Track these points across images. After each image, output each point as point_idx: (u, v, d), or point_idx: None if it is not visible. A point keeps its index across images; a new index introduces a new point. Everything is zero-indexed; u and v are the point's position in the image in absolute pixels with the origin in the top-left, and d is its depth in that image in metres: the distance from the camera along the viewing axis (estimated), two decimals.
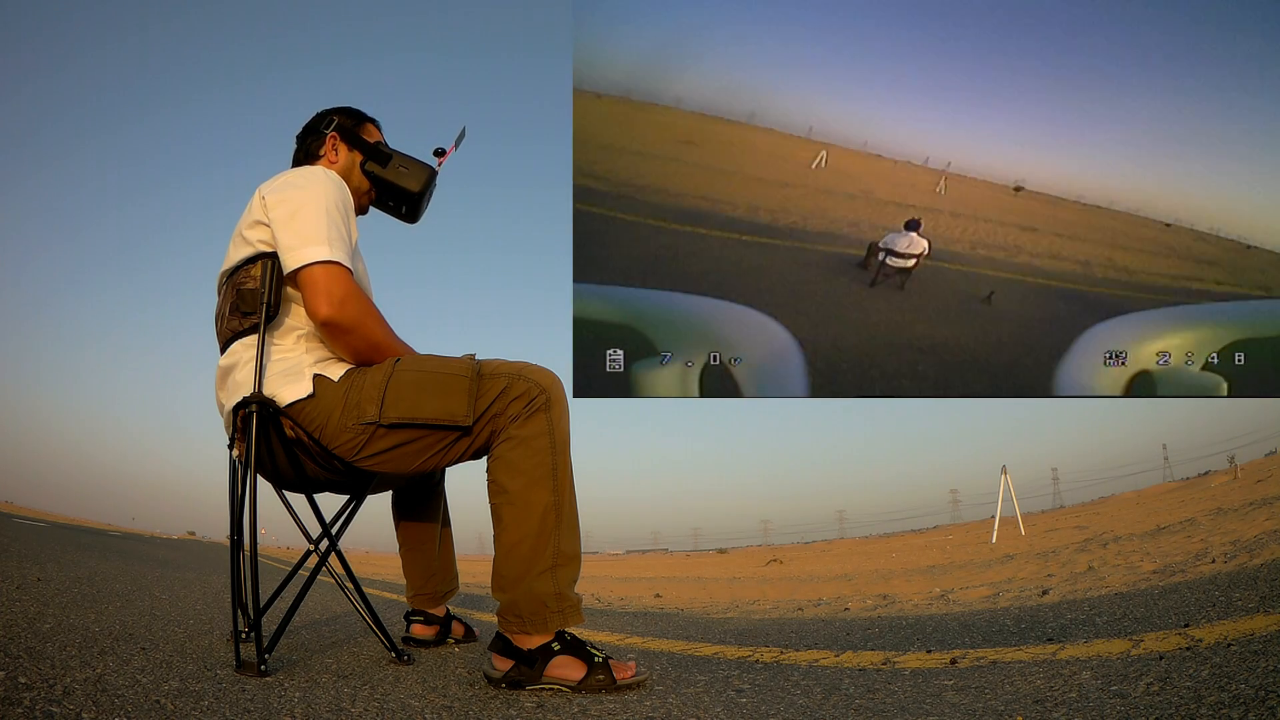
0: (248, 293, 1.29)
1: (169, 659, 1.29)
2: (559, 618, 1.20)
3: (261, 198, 1.31)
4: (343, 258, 1.25)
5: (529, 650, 1.19)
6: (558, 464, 1.24)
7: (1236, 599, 1.53)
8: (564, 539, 1.23)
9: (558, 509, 1.22)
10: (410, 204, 1.56)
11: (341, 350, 1.29)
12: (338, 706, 1.03)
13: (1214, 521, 5.87)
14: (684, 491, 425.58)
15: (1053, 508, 64.45)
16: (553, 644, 1.19)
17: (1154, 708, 0.88)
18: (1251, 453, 62.45)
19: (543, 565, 1.20)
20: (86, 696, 0.95)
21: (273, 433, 1.27)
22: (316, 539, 1.40)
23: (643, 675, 1.23)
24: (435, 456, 1.28)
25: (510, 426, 1.24)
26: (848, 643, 1.72)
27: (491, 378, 1.26)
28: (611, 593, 6.52)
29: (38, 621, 1.56)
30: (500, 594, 1.23)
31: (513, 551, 1.22)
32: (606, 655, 1.21)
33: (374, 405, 1.23)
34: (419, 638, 1.69)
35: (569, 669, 1.18)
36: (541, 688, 1.18)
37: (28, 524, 9.89)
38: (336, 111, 1.56)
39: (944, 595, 3.45)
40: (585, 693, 1.16)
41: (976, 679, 1.16)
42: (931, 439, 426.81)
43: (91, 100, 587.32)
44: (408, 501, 1.69)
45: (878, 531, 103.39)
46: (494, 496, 1.25)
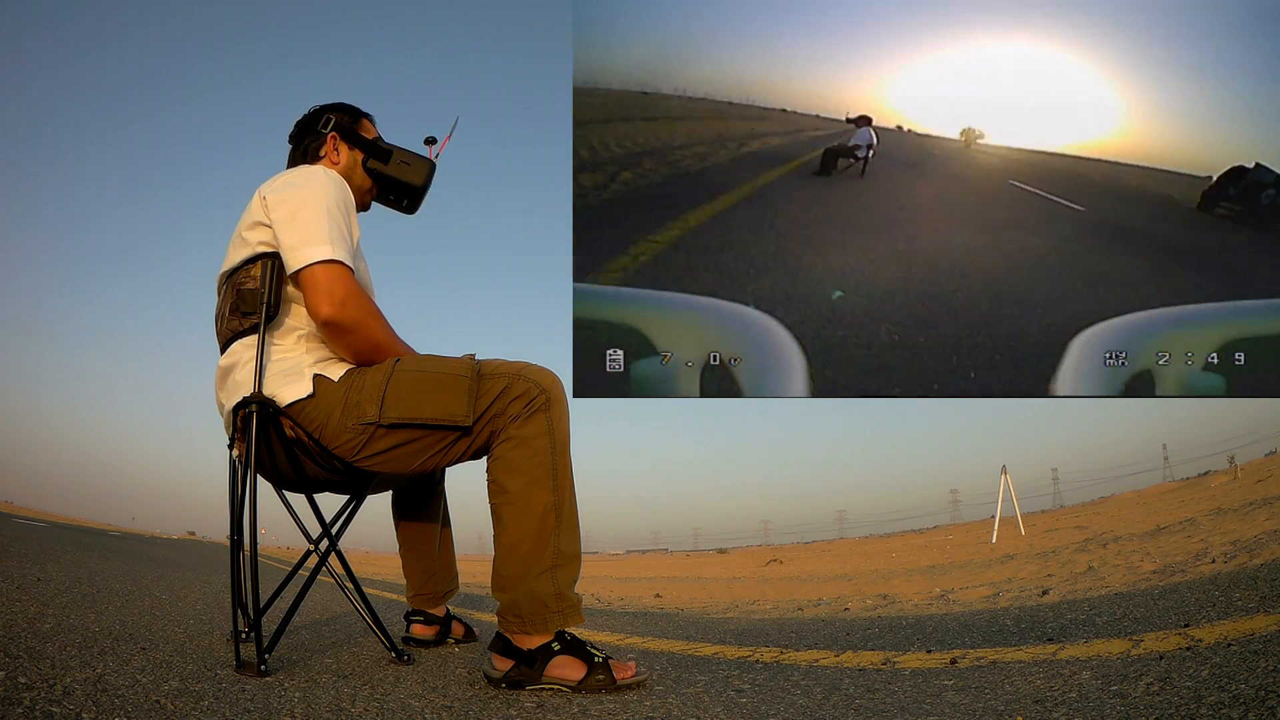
0: (248, 293, 1.29)
1: (169, 659, 1.29)
2: (559, 618, 1.20)
3: (262, 198, 1.31)
4: (344, 257, 1.25)
5: (529, 650, 1.19)
6: (558, 464, 1.24)
7: (1236, 599, 1.53)
8: (564, 539, 1.23)
9: (558, 509, 1.22)
10: (413, 198, 1.57)
11: (342, 350, 1.29)
12: (338, 706, 1.03)
13: (1214, 521, 5.87)
14: (684, 491, 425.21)
15: (1053, 508, 64.48)
16: (553, 644, 1.19)
17: (1154, 708, 0.88)
18: (1251, 453, 62.46)
19: (543, 565, 1.20)
20: (86, 696, 0.95)
21: (273, 433, 1.27)
22: (316, 539, 1.40)
23: (643, 675, 1.23)
24: (435, 456, 1.28)
25: (510, 426, 1.24)
26: (848, 643, 1.72)
27: (491, 378, 1.26)
28: (611, 593, 6.52)
29: (38, 621, 1.56)
30: (500, 594, 1.23)
31: (513, 551, 1.22)
32: (606, 655, 1.21)
33: (374, 405, 1.23)
34: (419, 638, 1.70)
35: (569, 669, 1.18)
36: (541, 687, 1.18)
37: (28, 524, 9.89)
38: (332, 110, 1.54)
39: (944, 595, 3.44)
40: (585, 693, 1.16)
41: (976, 679, 1.16)
42: (931, 439, 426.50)
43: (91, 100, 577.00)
44: (408, 501, 1.69)
45: (878, 531, 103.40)
46: (494, 496, 1.25)
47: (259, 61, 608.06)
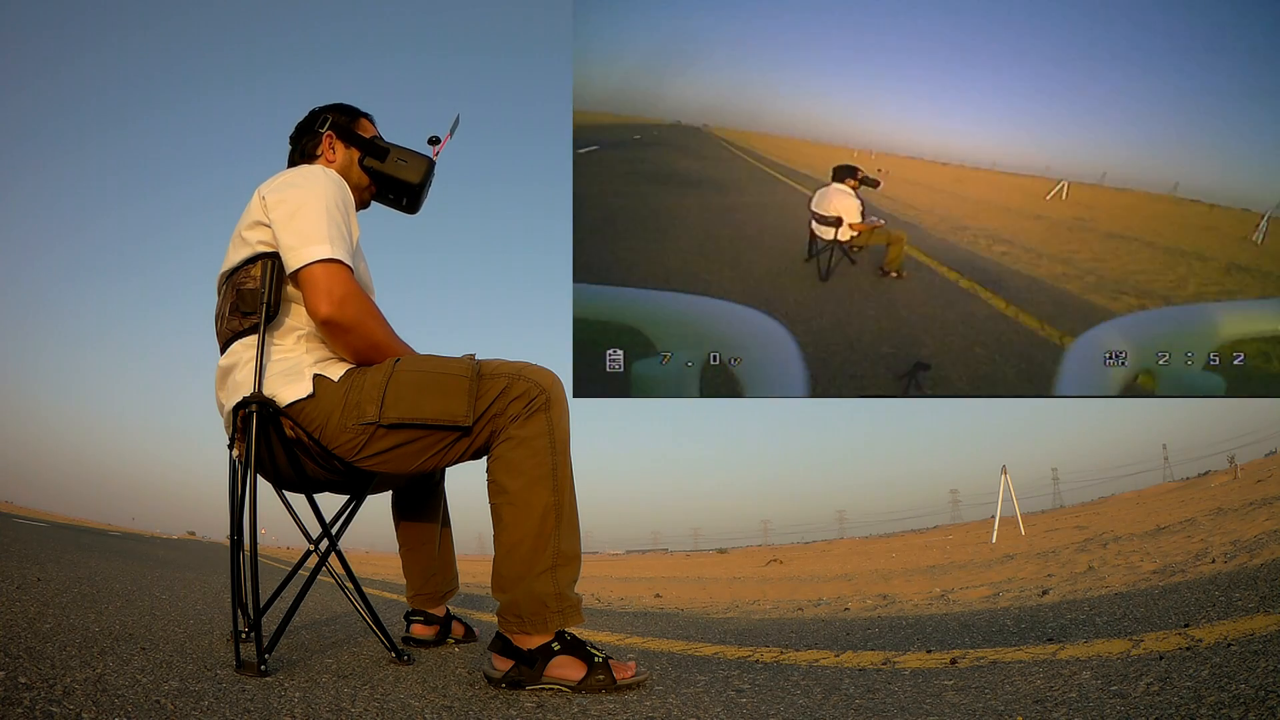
0: (248, 293, 1.29)
1: (169, 659, 1.29)
2: (559, 618, 1.20)
3: (261, 198, 1.31)
4: (343, 256, 1.25)
5: (529, 650, 1.19)
6: (557, 464, 1.24)
7: (1236, 599, 1.53)
8: (564, 539, 1.23)
9: (558, 509, 1.22)
10: (411, 195, 1.57)
11: (341, 349, 1.29)
12: (338, 706, 1.03)
13: (1214, 521, 5.87)
14: (684, 491, 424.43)
15: (1053, 508, 64.45)
16: (553, 644, 1.19)
17: (1154, 708, 0.88)
18: (1251, 453, 62.44)
19: (543, 565, 1.20)
20: (86, 696, 0.95)
21: (273, 433, 1.27)
22: (316, 539, 1.40)
23: (643, 675, 1.23)
24: (435, 457, 1.28)
25: (510, 427, 1.24)
26: (848, 643, 1.72)
27: (491, 378, 1.26)
28: (611, 593, 6.52)
29: (38, 621, 1.56)
30: (500, 594, 1.23)
31: (513, 551, 1.22)
32: (606, 655, 1.21)
33: (374, 405, 1.23)
34: (419, 637, 1.70)
35: (569, 669, 1.18)
36: (541, 687, 1.18)
37: (28, 524, 9.89)
38: (330, 109, 1.55)
39: (944, 595, 3.44)
40: (585, 693, 1.16)
41: (976, 679, 1.16)
42: (931, 439, 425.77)
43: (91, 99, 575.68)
44: (408, 502, 1.70)
45: (878, 531, 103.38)
46: (494, 496, 1.25)
47: (259, 61, 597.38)
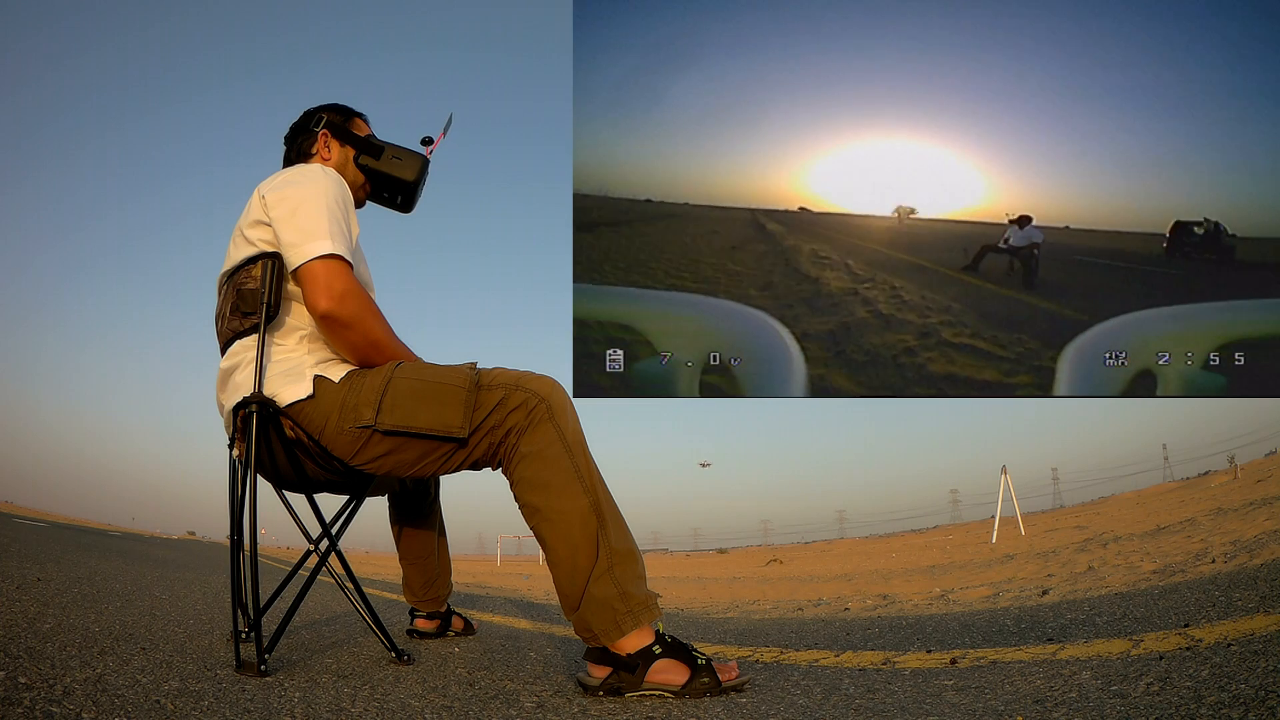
0: (248, 293, 1.29)
1: (169, 659, 1.29)
2: (630, 618, 1.14)
3: (261, 197, 1.31)
4: (344, 252, 1.25)
5: (628, 655, 1.13)
6: (579, 465, 1.20)
7: (1236, 599, 1.53)
8: (613, 536, 1.18)
9: (596, 508, 1.18)
10: (406, 194, 1.57)
11: (340, 347, 1.28)
12: (338, 706, 1.03)
13: (1214, 521, 5.87)
14: (684, 491, 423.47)
15: (1053, 508, 64.46)
16: (653, 646, 1.14)
17: (1154, 708, 0.88)
18: (1251, 453, 62.44)
19: (599, 569, 1.15)
20: (86, 696, 0.95)
21: (273, 433, 1.27)
22: (316, 539, 1.40)
23: (745, 677, 1.19)
24: (431, 465, 1.26)
25: (520, 443, 1.21)
26: (848, 643, 1.72)
27: (489, 389, 1.23)
28: None
29: (38, 621, 1.56)
30: (570, 614, 1.18)
31: (563, 566, 1.17)
32: (709, 658, 1.17)
33: (370, 410, 1.22)
34: (422, 630, 1.81)
35: (672, 673, 1.13)
36: (644, 694, 1.12)
37: (28, 524, 9.89)
38: (325, 109, 1.57)
39: (944, 595, 3.44)
40: (690, 697, 1.10)
41: (976, 679, 1.16)
42: (931, 439, 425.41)
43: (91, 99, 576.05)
44: (406, 516, 1.76)
45: (878, 531, 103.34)
46: (529, 520, 1.20)
47: (258, 61, 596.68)
